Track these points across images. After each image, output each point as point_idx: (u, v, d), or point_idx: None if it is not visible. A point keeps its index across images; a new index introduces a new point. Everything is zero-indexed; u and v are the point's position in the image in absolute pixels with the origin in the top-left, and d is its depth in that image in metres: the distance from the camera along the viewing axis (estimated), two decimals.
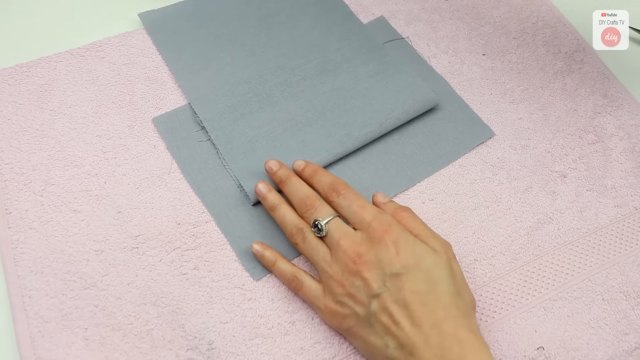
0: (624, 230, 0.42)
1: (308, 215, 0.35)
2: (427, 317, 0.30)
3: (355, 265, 0.32)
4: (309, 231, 0.35)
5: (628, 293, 0.39)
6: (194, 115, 0.43)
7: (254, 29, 0.48)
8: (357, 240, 0.33)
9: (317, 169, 0.38)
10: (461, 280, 0.34)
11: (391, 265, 0.32)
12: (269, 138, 0.42)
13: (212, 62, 0.46)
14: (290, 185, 0.37)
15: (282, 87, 0.45)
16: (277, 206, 0.37)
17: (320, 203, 0.36)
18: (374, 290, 0.32)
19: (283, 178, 0.38)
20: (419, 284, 0.31)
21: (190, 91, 0.44)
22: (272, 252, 0.36)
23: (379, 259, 0.32)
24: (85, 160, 0.40)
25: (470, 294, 0.34)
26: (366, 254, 0.32)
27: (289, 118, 0.43)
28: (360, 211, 0.34)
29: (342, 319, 0.33)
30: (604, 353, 0.36)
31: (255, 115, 0.43)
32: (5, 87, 0.43)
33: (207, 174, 0.40)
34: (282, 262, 0.36)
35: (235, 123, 0.42)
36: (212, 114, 0.42)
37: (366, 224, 0.34)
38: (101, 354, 0.33)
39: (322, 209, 0.35)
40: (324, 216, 0.35)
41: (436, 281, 0.32)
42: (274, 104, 0.44)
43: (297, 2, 0.50)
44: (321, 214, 0.35)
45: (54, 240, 0.36)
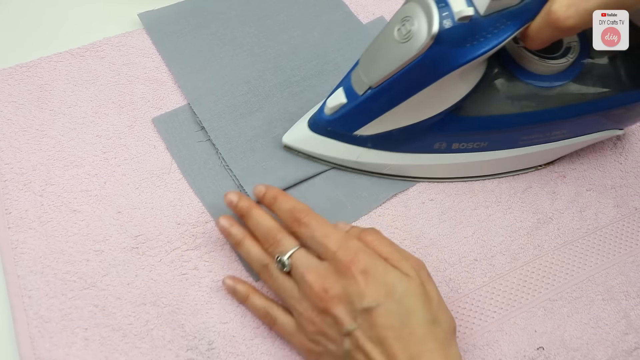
0: (624, 230, 0.42)
1: (271, 250, 0.34)
2: (403, 354, 0.29)
3: (322, 302, 0.30)
4: (274, 267, 0.33)
5: (628, 293, 0.39)
6: (193, 115, 0.43)
7: (254, 29, 0.48)
8: (322, 273, 0.31)
9: (277, 194, 0.35)
10: (438, 304, 0.31)
11: (361, 299, 0.30)
12: (268, 138, 0.42)
13: (212, 62, 0.46)
14: (251, 219, 0.35)
15: (281, 87, 0.45)
16: (241, 242, 0.35)
17: (282, 236, 0.34)
18: (345, 327, 0.30)
19: (244, 211, 0.35)
20: (392, 318, 0.29)
21: (190, 91, 0.44)
22: (244, 287, 0.35)
23: (347, 293, 0.30)
24: (85, 161, 0.40)
25: (448, 316, 0.32)
26: (333, 288, 0.30)
27: (288, 118, 0.43)
28: (324, 240, 0.32)
29: (317, 357, 0.32)
30: (604, 353, 0.36)
31: (255, 115, 0.43)
32: (5, 87, 0.42)
33: (207, 174, 0.40)
34: (255, 296, 0.34)
35: (235, 123, 0.42)
36: (212, 114, 0.42)
37: (331, 253, 0.31)
38: (101, 354, 0.33)
39: (284, 242, 0.33)
40: (287, 250, 0.33)
41: (410, 312, 0.30)
42: (273, 104, 0.44)
43: (297, 2, 0.50)
44: (283, 247, 0.33)
45: (53, 240, 0.36)
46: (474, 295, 0.38)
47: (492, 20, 0.31)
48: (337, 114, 0.37)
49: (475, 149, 0.39)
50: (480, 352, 0.36)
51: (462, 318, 0.37)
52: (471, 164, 0.41)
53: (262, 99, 0.44)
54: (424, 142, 0.38)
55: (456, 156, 0.40)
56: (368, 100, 0.35)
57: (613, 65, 0.38)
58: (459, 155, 0.40)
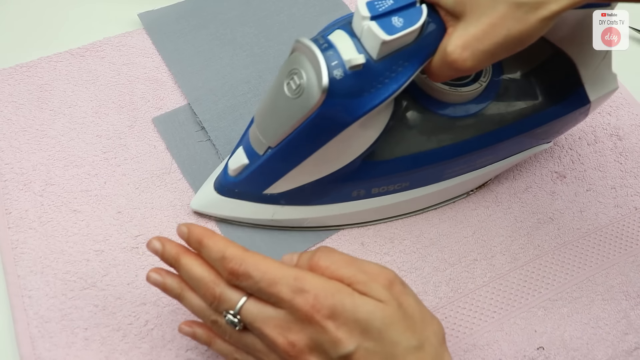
0: (624, 230, 0.42)
1: (214, 307, 0.29)
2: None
3: (292, 358, 0.27)
4: (225, 324, 0.28)
5: (628, 293, 0.39)
6: (193, 116, 0.43)
7: (254, 29, 0.48)
8: (283, 324, 0.27)
9: (201, 237, 0.29)
10: (420, 321, 0.28)
11: (335, 347, 0.26)
12: None
13: (212, 62, 0.46)
14: (181, 270, 0.29)
15: None
16: (180, 295, 0.30)
17: (221, 289, 0.28)
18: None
19: (171, 261, 0.30)
20: (375, 357, 0.26)
21: (190, 91, 0.44)
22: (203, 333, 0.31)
23: (318, 343, 0.26)
24: (85, 161, 0.40)
25: (435, 326, 0.28)
26: (300, 340, 0.26)
27: None
28: (273, 290, 0.27)
29: None
30: (604, 353, 0.36)
31: None
32: (5, 87, 0.43)
33: (207, 174, 0.40)
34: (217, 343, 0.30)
35: (235, 123, 0.42)
36: (212, 114, 0.42)
37: (287, 303, 0.26)
38: (101, 354, 0.33)
39: (226, 297, 0.28)
40: (233, 305, 0.28)
41: (393, 344, 0.26)
42: None
43: (296, 2, 0.50)
44: (228, 303, 0.28)
45: (54, 240, 0.36)
46: (474, 295, 0.38)
47: (387, 63, 0.28)
48: (241, 175, 0.35)
49: (397, 189, 0.37)
50: (480, 352, 0.36)
51: (462, 318, 0.37)
52: (395, 205, 0.38)
53: None
54: (340, 192, 0.36)
55: (378, 200, 0.37)
56: (270, 160, 0.33)
57: (528, 82, 0.37)
58: (381, 199, 0.37)
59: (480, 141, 0.36)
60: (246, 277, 0.27)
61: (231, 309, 0.28)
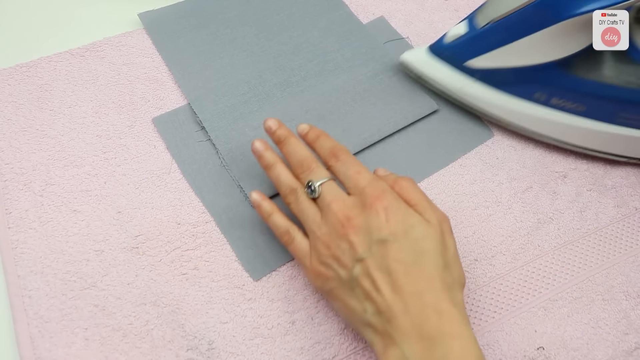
0: (624, 230, 0.42)
1: (303, 176, 0.35)
2: (409, 286, 0.30)
3: (343, 229, 0.32)
4: (302, 192, 0.35)
5: (628, 293, 0.39)
6: (193, 115, 0.43)
7: (254, 29, 0.48)
8: (348, 204, 0.33)
9: (320, 133, 0.37)
10: (452, 255, 0.33)
11: (379, 231, 0.31)
12: (268, 138, 0.42)
13: (212, 62, 0.46)
14: (288, 146, 0.36)
15: (281, 87, 0.45)
16: (272, 165, 0.36)
17: (316, 165, 0.35)
18: (358, 254, 0.31)
19: (282, 138, 0.37)
20: (405, 253, 0.31)
21: (190, 91, 0.44)
22: (269, 204, 0.36)
23: (368, 224, 0.32)
24: (85, 161, 0.40)
25: (461, 270, 0.33)
26: (355, 218, 0.32)
27: (288, 119, 0.43)
28: (356, 176, 0.34)
29: (324, 280, 0.33)
30: (604, 353, 0.36)
31: (255, 115, 0.43)
32: (5, 87, 0.43)
33: (207, 174, 0.40)
34: (278, 215, 0.36)
35: (234, 123, 0.42)
36: (212, 114, 0.42)
37: (360, 189, 0.33)
38: (101, 354, 0.33)
39: (317, 171, 0.35)
40: (318, 178, 0.34)
41: (423, 252, 0.31)
42: (273, 104, 0.44)
43: (296, 2, 0.50)
44: (316, 175, 0.34)
45: (54, 240, 0.36)
46: (474, 295, 0.38)
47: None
48: (455, 42, 0.41)
49: (573, 110, 0.40)
50: None
51: None
52: (567, 127, 0.41)
53: (262, 98, 0.44)
54: (526, 88, 0.40)
55: (554, 113, 0.41)
56: (486, 32, 0.39)
57: None
58: (557, 113, 0.41)
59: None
60: (343, 162, 0.35)
61: (316, 180, 0.34)
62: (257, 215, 0.39)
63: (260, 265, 0.37)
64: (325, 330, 0.35)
